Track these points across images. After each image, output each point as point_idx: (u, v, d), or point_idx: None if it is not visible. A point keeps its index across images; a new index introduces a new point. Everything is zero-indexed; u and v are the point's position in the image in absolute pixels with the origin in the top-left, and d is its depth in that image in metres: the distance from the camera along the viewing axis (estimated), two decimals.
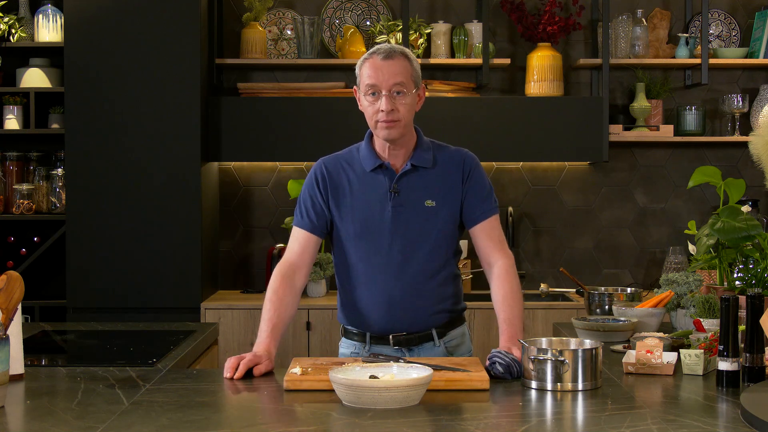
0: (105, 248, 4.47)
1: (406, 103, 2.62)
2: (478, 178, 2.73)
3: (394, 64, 2.60)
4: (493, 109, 4.73)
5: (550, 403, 2.20)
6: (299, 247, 2.73)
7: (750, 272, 2.97)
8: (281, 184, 4.99)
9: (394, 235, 2.67)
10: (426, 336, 2.74)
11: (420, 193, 2.69)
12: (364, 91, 2.63)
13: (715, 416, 2.05)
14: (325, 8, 5.00)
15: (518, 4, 4.83)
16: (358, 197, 2.70)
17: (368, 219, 2.69)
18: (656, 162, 5.06)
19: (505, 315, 2.61)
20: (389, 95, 2.59)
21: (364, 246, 2.70)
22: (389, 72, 2.59)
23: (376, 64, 2.60)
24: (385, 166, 2.69)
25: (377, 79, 2.59)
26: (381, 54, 2.61)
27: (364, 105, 2.66)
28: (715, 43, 5.04)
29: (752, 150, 3.11)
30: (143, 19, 4.46)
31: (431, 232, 2.69)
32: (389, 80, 2.59)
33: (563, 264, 4.99)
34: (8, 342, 2.16)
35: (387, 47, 2.64)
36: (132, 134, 4.47)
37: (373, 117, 2.63)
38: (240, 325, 4.45)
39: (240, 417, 2.11)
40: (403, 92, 2.61)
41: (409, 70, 2.63)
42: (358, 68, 2.67)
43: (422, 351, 2.73)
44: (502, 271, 2.67)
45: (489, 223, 2.72)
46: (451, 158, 2.74)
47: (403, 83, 2.60)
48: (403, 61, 2.62)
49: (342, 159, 2.77)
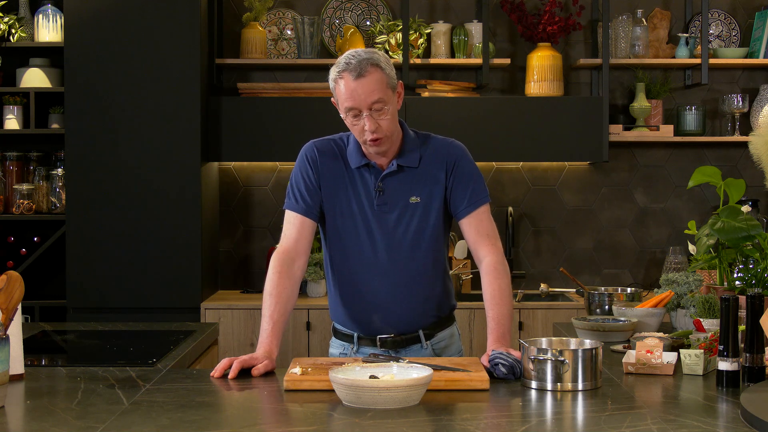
0: (105, 248, 4.47)
1: (388, 117, 2.56)
2: (464, 168, 2.68)
3: (367, 82, 2.52)
4: (493, 109, 4.73)
5: (550, 403, 2.20)
6: (296, 232, 2.67)
7: (750, 272, 2.97)
8: (281, 184, 4.99)
9: (380, 234, 2.65)
10: (413, 338, 2.72)
11: (405, 190, 2.66)
12: (344, 113, 2.58)
13: (715, 416, 2.05)
14: (325, 8, 5.00)
15: (518, 4, 4.83)
16: (345, 192, 2.68)
17: (353, 216, 2.66)
18: (656, 162, 5.06)
19: (493, 314, 2.58)
20: (370, 115, 2.54)
21: (350, 244, 2.68)
22: (364, 91, 2.52)
23: (350, 85, 2.52)
24: (371, 165, 2.67)
25: (355, 101, 2.53)
26: (352, 73, 2.52)
27: (346, 121, 2.61)
28: (715, 43, 5.05)
29: (752, 150, 3.11)
30: (143, 19, 4.46)
31: (417, 229, 2.66)
32: (367, 100, 2.52)
33: (563, 264, 5.00)
34: (8, 342, 2.16)
35: (355, 63, 2.52)
36: (132, 134, 4.47)
37: (360, 135, 2.59)
38: (240, 325, 4.45)
39: (240, 417, 2.11)
40: (382, 108, 2.55)
41: (384, 80, 2.54)
42: (332, 82, 2.58)
43: (410, 353, 2.71)
44: (490, 268, 2.63)
45: (477, 215, 2.67)
46: (437, 151, 2.69)
47: (382, 98, 2.53)
48: (375, 74, 2.52)
49: (334, 144, 2.72)
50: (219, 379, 2.40)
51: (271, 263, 2.65)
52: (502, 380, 2.38)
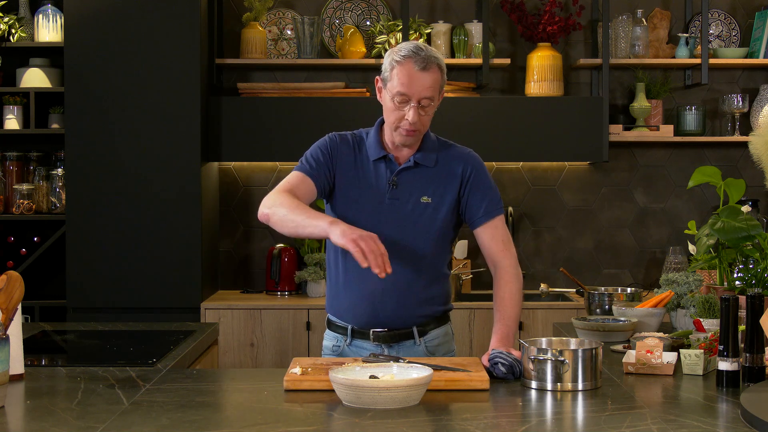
0: (105, 248, 4.47)
1: (429, 114, 2.64)
2: (481, 179, 2.73)
3: (428, 77, 2.58)
4: (493, 109, 4.73)
5: (550, 403, 2.20)
6: (297, 182, 2.65)
7: (750, 272, 2.97)
8: None
9: (386, 227, 2.65)
10: (407, 334, 2.73)
11: (417, 188, 2.69)
12: (392, 95, 2.60)
13: (715, 416, 2.05)
14: (325, 8, 5.00)
15: (518, 4, 4.83)
16: (359, 182, 2.70)
17: (363, 207, 2.68)
18: (656, 162, 5.06)
19: (500, 315, 2.63)
20: (417, 106, 2.59)
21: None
22: (422, 85, 2.57)
23: (412, 73, 2.57)
24: (389, 158, 2.70)
25: (410, 89, 2.57)
26: (419, 63, 2.57)
27: (387, 104, 2.63)
28: (715, 43, 5.04)
29: (752, 150, 3.11)
30: (143, 19, 4.46)
31: (423, 228, 2.69)
32: (421, 93, 2.58)
33: (563, 264, 4.99)
34: (8, 342, 2.16)
35: (425, 55, 2.58)
36: (132, 134, 4.47)
37: (395, 122, 2.62)
38: (240, 325, 4.45)
39: (240, 417, 2.11)
40: (430, 105, 2.61)
41: (440, 82, 2.61)
42: (389, 65, 2.61)
43: (402, 349, 2.72)
44: (504, 273, 2.69)
45: (493, 224, 2.73)
46: (454, 158, 2.74)
47: (433, 97, 2.60)
48: (436, 73, 2.59)
49: (352, 139, 2.76)
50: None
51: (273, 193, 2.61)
52: (502, 380, 2.38)
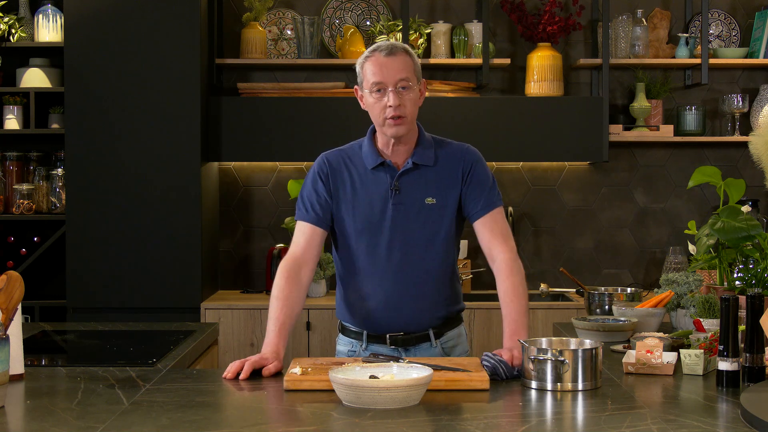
0: (105, 248, 4.47)
1: (411, 98, 2.64)
2: (479, 172, 2.73)
3: (397, 60, 2.61)
4: (493, 109, 4.73)
5: (550, 403, 2.20)
6: (305, 241, 2.70)
7: (750, 272, 2.97)
8: (281, 184, 4.99)
9: (394, 233, 2.67)
10: (423, 336, 2.74)
11: (421, 190, 2.69)
12: (370, 89, 2.63)
13: (715, 416, 2.05)
14: (325, 8, 5.00)
15: (518, 4, 4.83)
16: (359, 194, 2.70)
17: (369, 216, 2.68)
18: (656, 162, 5.06)
19: (507, 311, 2.62)
20: (395, 90, 2.60)
21: (364, 243, 2.69)
22: (393, 68, 2.61)
23: (380, 61, 2.61)
24: (387, 164, 2.70)
25: (382, 76, 2.60)
26: (383, 51, 2.62)
27: (368, 103, 2.66)
28: (715, 43, 5.04)
29: (752, 150, 3.11)
30: (143, 19, 4.46)
31: (431, 230, 2.69)
32: (394, 76, 2.60)
33: (563, 264, 4.99)
34: (8, 342, 2.16)
35: (387, 44, 2.65)
36: (132, 134, 4.47)
37: (380, 114, 2.63)
38: (240, 325, 4.45)
39: (240, 417, 2.11)
40: (408, 87, 2.62)
41: (412, 65, 2.64)
42: (359, 67, 2.67)
43: (419, 351, 2.74)
44: (503, 266, 2.66)
45: (491, 216, 2.72)
46: (452, 155, 2.74)
47: (408, 78, 2.62)
48: (405, 56, 2.63)
49: (344, 154, 2.76)
50: (230, 380, 2.39)
51: (279, 269, 2.67)
52: (502, 380, 2.38)
